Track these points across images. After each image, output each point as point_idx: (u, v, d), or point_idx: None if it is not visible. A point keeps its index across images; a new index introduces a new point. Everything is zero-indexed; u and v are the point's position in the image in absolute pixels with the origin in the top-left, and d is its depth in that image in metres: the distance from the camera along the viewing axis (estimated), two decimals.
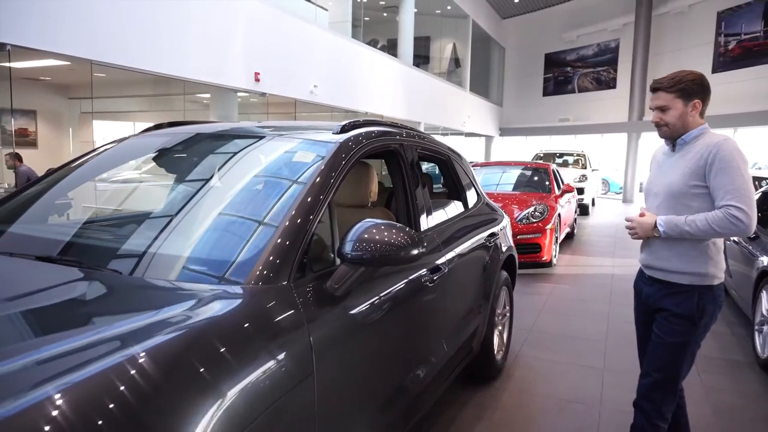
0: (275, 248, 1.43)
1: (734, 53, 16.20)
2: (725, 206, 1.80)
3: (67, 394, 0.86)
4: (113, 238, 1.75)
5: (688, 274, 1.91)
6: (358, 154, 1.90)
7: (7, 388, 0.87)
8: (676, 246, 1.93)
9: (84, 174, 2.12)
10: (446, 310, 2.38)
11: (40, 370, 0.94)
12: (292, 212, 1.53)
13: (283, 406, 1.22)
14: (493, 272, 3.06)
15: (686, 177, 1.89)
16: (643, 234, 1.98)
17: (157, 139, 2.20)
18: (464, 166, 3.26)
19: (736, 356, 3.80)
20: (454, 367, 2.54)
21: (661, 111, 1.95)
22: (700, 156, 1.87)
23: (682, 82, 1.91)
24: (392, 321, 1.85)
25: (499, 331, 3.33)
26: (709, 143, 1.87)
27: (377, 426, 1.74)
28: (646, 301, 2.08)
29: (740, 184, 1.80)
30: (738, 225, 1.77)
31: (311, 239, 1.53)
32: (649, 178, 2.14)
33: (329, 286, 1.51)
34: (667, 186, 1.95)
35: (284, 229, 1.47)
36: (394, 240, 1.53)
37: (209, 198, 1.79)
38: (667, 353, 1.94)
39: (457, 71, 19.26)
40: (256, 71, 8.03)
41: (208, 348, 1.11)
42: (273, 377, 1.20)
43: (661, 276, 1.98)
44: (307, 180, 1.66)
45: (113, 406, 0.89)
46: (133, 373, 0.95)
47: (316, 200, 1.59)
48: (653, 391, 1.98)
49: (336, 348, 1.47)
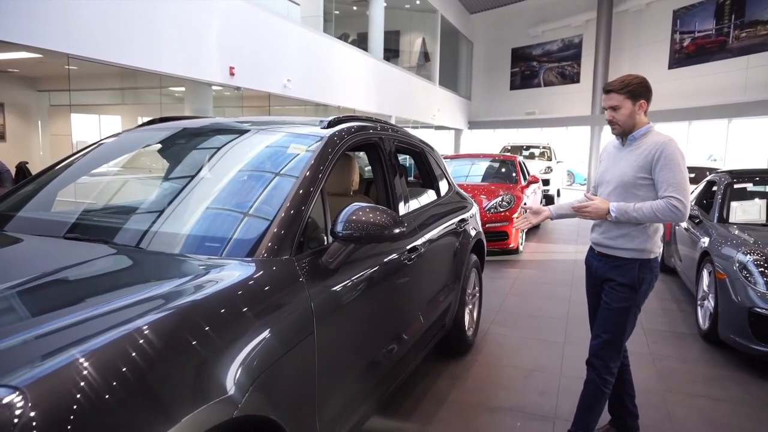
0: (279, 227, 1.66)
1: (689, 50, 16.99)
2: (667, 197, 2.12)
3: (109, 349, 1.03)
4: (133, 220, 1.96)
5: (631, 249, 2.24)
6: (344, 146, 2.15)
7: (47, 347, 1.02)
8: (623, 227, 2.25)
9: (87, 165, 2.29)
10: (422, 287, 2.65)
11: (75, 332, 1.08)
12: (291, 196, 1.77)
13: (290, 358, 1.47)
14: (464, 255, 3.35)
15: (635, 170, 2.20)
16: (596, 216, 2.27)
17: (161, 133, 2.39)
18: (436, 157, 3.53)
19: (681, 329, 4.21)
20: (429, 339, 2.82)
21: (613, 110, 2.24)
22: (648, 152, 2.17)
23: (630, 85, 2.21)
24: (377, 292, 2.11)
25: (469, 310, 3.62)
26: (656, 142, 2.17)
27: (366, 382, 2.00)
28: (595, 274, 2.41)
29: (680, 179, 2.13)
30: (676, 213, 2.11)
31: (307, 221, 1.77)
32: (601, 167, 2.42)
33: (324, 260, 1.76)
34: (619, 176, 2.25)
35: (285, 211, 1.71)
36: (379, 220, 1.79)
37: (220, 185, 2.01)
38: (614, 316, 2.27)
39: (427, 65, 19.55)
40: (231, 65, 8.13)
41: (231, 307, 1.34)
42: (283, 333, 1.45)
43: (609, 252, 2.30)
44: (301, 168, 1.90)
45: (149, 357, 1.07)
46: (168, 329, 1.16)
47: (310, 186, 1.83)
48: (602, 349, 2.31)
49: (331, 313, 1.72)
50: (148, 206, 2.11)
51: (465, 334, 3.48)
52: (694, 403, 2.96)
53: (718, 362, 3.54)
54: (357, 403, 1.93)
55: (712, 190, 5.17)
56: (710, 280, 3.94)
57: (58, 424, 0.88)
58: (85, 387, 0.94)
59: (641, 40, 18.62)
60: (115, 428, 0.97)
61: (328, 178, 2.65)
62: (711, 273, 3.92)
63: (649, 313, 4.58)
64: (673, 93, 16.20)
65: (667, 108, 15.93)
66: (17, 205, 2.05)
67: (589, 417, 2.35)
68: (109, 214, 2.12)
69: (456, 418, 2.73)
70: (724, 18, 15.81)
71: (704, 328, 3.94)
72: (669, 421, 2.75)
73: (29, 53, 6.68)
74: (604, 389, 2.32)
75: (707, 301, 3.97)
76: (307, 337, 1.55)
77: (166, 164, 2.31)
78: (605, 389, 2.32)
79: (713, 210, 4.66)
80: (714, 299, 3.75)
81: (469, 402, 2.90)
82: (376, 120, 2.71)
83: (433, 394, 2.99)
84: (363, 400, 1.99)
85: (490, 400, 2.94)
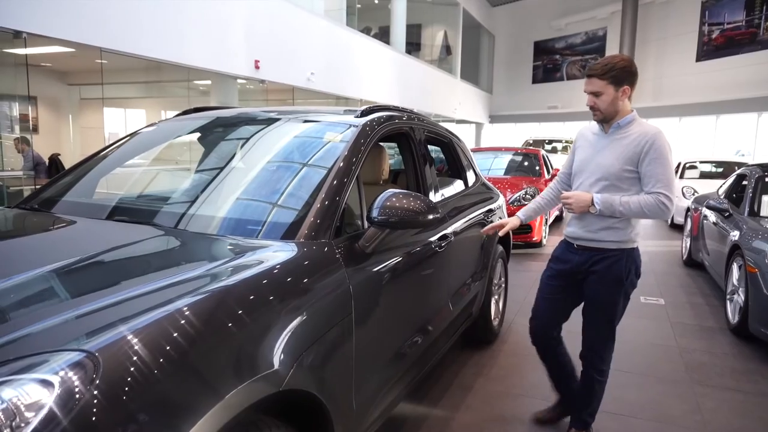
0: (317, 212, 1.71)
1: (717, 42, 16.61)
2: (656, 193, 2.03)
3: (165, 321, 1.09)
4: (179, 204, 2.04)
5: (615, 241, 2.16)
6: (377, 135, 2.19)
7: (116, 315, 1.08)
8: (606, 220, 2.14)
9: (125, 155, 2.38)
10: (451, 275, 2.68)
11: (133, 305, 1.14)
12: (328, 182, 1.82)
13: (330, 337, 1.52)
14: (491, 245, 3.37)
15: (622, 161, 2.08)
16: (578, 209, 2.13)
17: (196, 122, 2.46)
18: (463, 148, 3.56)
19: (709, 323, 4.16)
20: (457, 326, 2.86)
21: (595, 96, 2.10)
22: (636, 144, 2.06)
23: (614, 69, 2.06)
24: (410, 278, 2.16)
25: (495, 300, 3.65)
26: (645, 133, 2.06)
27: (398, 366, 2.04)
28: (574, 269, 2.26)
29: (669, 175, 2.07)
30: (665, 210, 2.05)
31: (343, 207, 1.82)
32: (579, 155, 2.27)
33: (360, 244, 1.80)
34: (603, 167, 2.12)
35: (322, 196, 1.76)
36: (413, 206, 1.82)
37: (260, 173, 2.07)
38: (603, 309, 2.24)
39: (448, 59, 19.46)
40: (256, 58, 8.22)
41: (275, 284, 1.39)
42: (323, 312, 1.50)
43: (592, 245, 2.19)
44: (337, 156, 1.94)
45: (201, 331, 1.14)
46: (225, 301, 1.22)
47: (345, 173, 1.88)
48: (596, 342, 2.30)
49: (368, 294, 1.77)
50: (192, 192, 2.19)
51: (491, 324, 3.50)
52: (723, 395, 2.94)
53: (747, 356, 3.51)
54: (390, 387, 1.98)
55: (742, 183, 5.09)
56: (740, 274, 3.89)
57: (122, 387, 0.94)
58: (146, 356, 1.00)
59: (668, 32, 18.27)
60: (180, 388, 1.03)
61: (362, 168, 2.73)
62: (741, 267, 3.87)
63: (677, 307, 4.55)
64: (701, 86, 15.89)
65: (694, 102, 15.64)
66: (62, 191, 2.14)
67: (591, 407, 2.37)
68: (153, 200, 2.20)
69: (482, 405, 2.77)
70: (755, 9, 15.41)
71: (734, 322, 3.90)
72: (699, 413, 2.74)
73: (63, 47, 6.86)
74: (601, 378, 2.32)
75: (737, 295, 3.93)
76: (345, 317, 1.60)
77: (202, 153, 2.38)
78: (602, 378, 2.32)
79: (744, 203, 4.59)
80: (744, 293, 3.71)
81: (494, 390, 2.93)
82: (405, 110, 2.74)
83: (460, 382, 3.02)
84: (395, 384, 2.03)
85: (515, 388, 2.96)
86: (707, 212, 5.35)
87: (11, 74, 6.35)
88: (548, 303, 2.38)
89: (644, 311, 4.43)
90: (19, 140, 7.81)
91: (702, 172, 9.77)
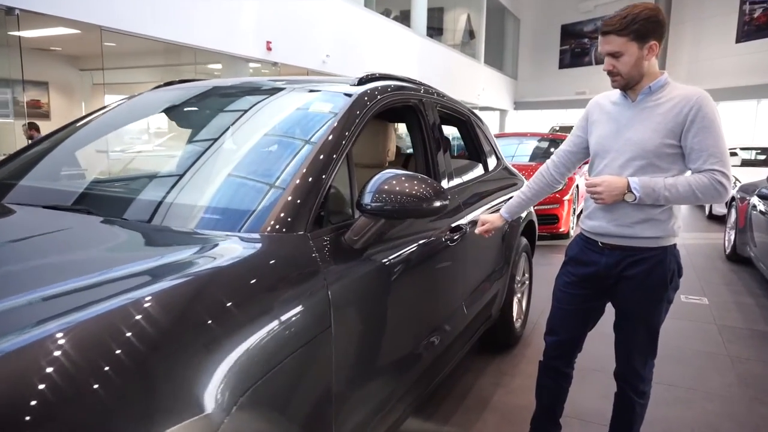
0: (292, 197, 1.35)
1: (760, 21, 15.63)
2: (710, 171, 1.59)
3: (70, 333, 0.80)
4: (130, 189, 1.69)
5: (655, 238, 1.71)
6: (376, 107, 1.81)
7: (10, 325, 0.81)
8: (644, 210, 1.68)
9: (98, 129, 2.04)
10: (466, 273, 2.30)
11: (48, 307, 0.88)
12: (308, 162, 1.45)
13: (298, 359, 1.15)
14: (513, 237, 2.97)
15: (662, 134, 1.63)
16: (611, 198, 1.66)
17: (171, 94, 2.11)
18: (484, 129, 3.15)
19: (760, 326, 3.69)
20: (473, 332, 2.48)
21: (614, 57, 1.66)
22: (678, 111, 1.62)
23: (635, 22, 1.61)
24: (413, 277, 1.78)
25: (518, 299, 3.26)
26: (688, 97, 1.62)
27: (397, 384, 1.68)
28: (601, 273, 1.80)
29: (723, 148, 1.62)
30: (722, 193, 1.60)
31: (328, 191, 1.46)
32: (599, 132, 1.79)
33: (347, 238, 1.44)
34: (637, 144, 1.67)
35: (301, 179, 1.40)
36: (416, 191, 1.45)
37: (226, 150, 1.72)
38: (643, 321, 1.80)
39: (471, 43, 18.86)
40: (268, 40, 7.88)
41: (220, 292, 1.03)
42: (289, 327, 1.13)
43: (626, 243, 1.73)
44: (324, 131, 1.57)
45: (123, 344, 0.82)
46: (141, 314, 0.88)
47: (332, 151, 1.51)
48: (635, 361, 1.85)
49: (355, 302, 1.40)
50: (145, 174, 1.84)
51: (513, 326, 3.12)
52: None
53: None
54: (387, 410, 1.62)
55: None
56: None
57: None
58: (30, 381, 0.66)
59: (704, 12, 17.31)
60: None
61: (361, 148, 2.36)
62: None
63: (723, 307, 4.07)
64: (741, 69, 15.00)
65: (734, 85, 14.78)
66: (19, 172, 1.81)
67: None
68: (102, 183, 1.85)
69: (502, 423, 2.39)
70: None
71: None
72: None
73: (67, 29, 6.62)
74: (642, 401, 1.90)
75: None
76: (321, 333, 1.24)
77: (170, 130, 2.03)
78: (643, 401, 1.91)
79: None
80: None
81: (515, 404, 2.55)
82: (415, 81, 2.36)
83: (476, 394, 2.65)
84: (394, 406, 1.67)
85: None
86: (757, 202, 4.83)
87: (14, 56, 6.15)
88: (569, 316, 1.92)
89: (686, 312, 3.97)
90: (28, 126, 7.67)
91: (743, 159, 9.14)
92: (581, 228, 1.89)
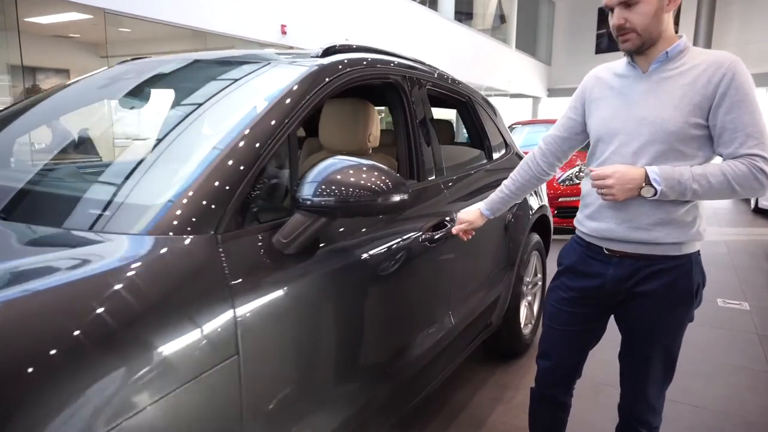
0: (197, 190, 1.08)
1: None
2: (749, 156, 1.26)
3: None
4: (28, 181, 1.45)
5: (678, 244, 1.37)
6: (338, 82, 1.51)
7: None
8: (664, 208, 1.34)
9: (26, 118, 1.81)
10: (453, 278, 1.98)
11: None
12: (229, 148, 1.17)
13: (186, 397, 0.89)
14: (520, 234, 2.63)
15: (685, 112, 1.29)
16: (624, 194, 1.31)
17: (107, 75, 1.85)
18: (488, 111, 2.81)
19: None
20: (467, 343, 2.18)
21: (626, 7, 1.32)
22: (706, 80, 1.28)
23: None
24: (374, 288, 1.48)
25: (528, 302, 2.93)
26: (717, 62, 1.28)
27: (346, 420, 1.38)
28: (608, 288, 1.45)
29: (763, 128, 1.26)
30: (764, 184, 1.25)
31: (258, 181, 1.18)
32: (602, 112, 1.44)
33: (276, 241, 1.16)
34: (654, 124, 1.32)
35: (214, 168, 1.12)
36: (369, 182, 1.17)
37: (144, 136, 1.45)
38: (660, 344, 1.45)
39: (503, 27, 18.21)
40: (283, 23, 7.63)
41: (82, 309, 0.79)
42: (172, 358, 0.87)
43: (642, 250, 1.39)
44: (259, 111, 1.29)
45: None
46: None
47: (268, 134, 1.23)
48: (649, 392, 1.50)
49: (280, 323, 1.12)
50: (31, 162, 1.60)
51: (520, 333, 2.79)
52: None
53: None
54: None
55: None
56: None
57: None
58: None
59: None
60: None
61: (334, 131, 2.07)
62: None
63: (765, 315, 3.62)
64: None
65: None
66: None
67: None
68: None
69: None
70: None
71: None
72: None
73: (78, 14, 6.53)
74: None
75: None
76: (220, 365, 0.97)
77: (89, 113, 1.77)
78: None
79: None
80: None
81: (513, 425, 2.23)
82: (398, 55, 2.05)
83: (471, 411, 2.35)
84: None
85: None
86: None
87: (46, 46, 6.09)
88: (565, 338, 1.58)
89: (723, 319, 3.54)
90: None
91: None
92: (579, 231, 1.54)
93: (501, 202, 1.73)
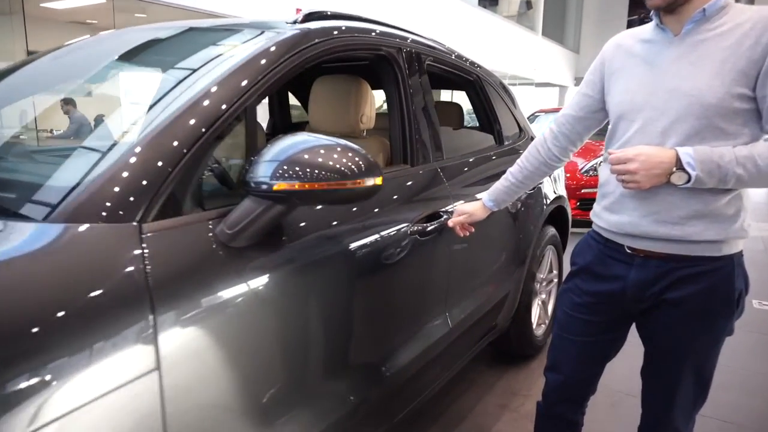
0: (118, 171, 0.90)
1: None
2: None
3: None
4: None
5: (716, 242, 1.14)
6: (312, 52, 1.31)
7: None
8: (700, 198, 1.11)
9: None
10: (449, 276, 1.77)
11: None
12: (167, 123, 0.99)
13: (87, 417, 0.72)
14: (533, 227, 2.40)
15: (728, 80, 1.06)
16: (650, 181, 1.09)
17: (59, 52, 1.68)
18: (500, 91, 2.57)
19: None
20: (467, 348, 1.97)
21: None
22: (754, 41, 1.04)
23: None
24: (343, 289, 1.28)
25: (541, 301, 2.70)
26: (764, 18, 1.05)
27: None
28: (630, 293, 1.24)
29: None
30: None
31: (199, 161, 1.00)
32: (624, 84, 1.21)
33: (220, 231, 0.98)
34: (689, 96, 1.09)
35: (143, 146, 0.94)
36: (333, 164, 0.98)
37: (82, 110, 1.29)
38: (695, 359, 1.22)
39: (529, 14, 17.72)
40: (298, 7, 7.44)
41: None
42: (70, 370, 0.70)
43: (672, 249, 1.16)
44: (209, 82, 1.11)
45: None
46: None
47: (216, 108, 1.04)
48: (679, 413, 1.27)
49: (214, 333, 0.93)
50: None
51: (531, 334, 2.57)
52: None
53: None
54: None
55: None
56: None
57: None
58: None
59: None
60: None
61: (323, 111, 1.88)
62: None
63: None
64: None
65: None
66: None
67: None
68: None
69: None
70: None
71: None
72: None
73: None
74: None
75: None
76: (136, 381, 0.79)
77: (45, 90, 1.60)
78: None
79: None
80: None
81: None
82: (391, 26, 1.85)
83: (474, 420, 2.15)
84: None
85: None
86: None
87: (64, 32, 6.05)
88: (579, 350, 1.37)
89: (760, 322, 3.25)
90: (64, 101, 7.70)
91: None
92: (596, 224, 1.32)
93: (506, 192, 1.52)
